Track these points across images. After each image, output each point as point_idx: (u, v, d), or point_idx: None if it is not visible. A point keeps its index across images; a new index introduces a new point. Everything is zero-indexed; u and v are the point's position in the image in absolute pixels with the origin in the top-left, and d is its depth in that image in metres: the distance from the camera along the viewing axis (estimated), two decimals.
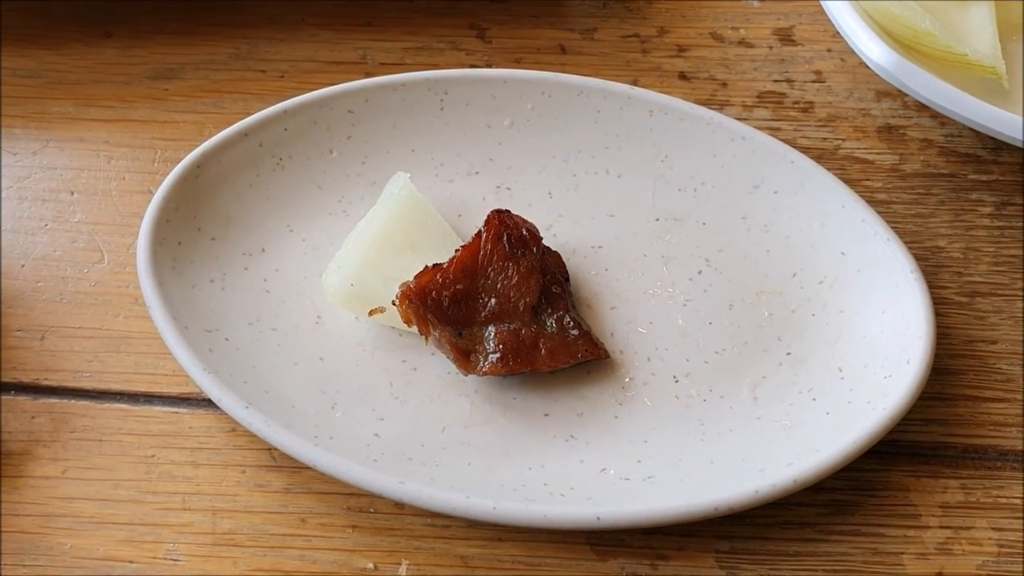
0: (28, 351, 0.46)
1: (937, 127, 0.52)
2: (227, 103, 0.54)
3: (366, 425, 0.42)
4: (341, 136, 0.49)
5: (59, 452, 0.43)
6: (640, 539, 0.41)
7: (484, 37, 0.56)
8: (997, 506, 0.42)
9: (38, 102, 0.54)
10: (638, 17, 0.57)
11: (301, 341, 0.45)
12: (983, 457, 0.43)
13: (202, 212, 0.47)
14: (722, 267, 0.47)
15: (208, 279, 0.46)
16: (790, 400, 0.43)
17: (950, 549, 0.41)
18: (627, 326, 0.45)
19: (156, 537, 0.41)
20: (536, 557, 0.41)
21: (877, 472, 0.43)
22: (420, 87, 0.50)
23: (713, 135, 0.48)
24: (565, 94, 0.50)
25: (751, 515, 0.41)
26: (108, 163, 0.52)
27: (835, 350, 0.44)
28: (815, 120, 0.53)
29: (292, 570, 0.41)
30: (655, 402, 0.43)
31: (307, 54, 0.56)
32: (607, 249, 0.47)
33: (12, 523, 0.42)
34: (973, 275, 0.48)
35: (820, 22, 0.56)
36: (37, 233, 0.49)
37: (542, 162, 0.50)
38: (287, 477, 0.43)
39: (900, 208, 0.50)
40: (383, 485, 0.39)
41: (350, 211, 0.48)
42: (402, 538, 0.41)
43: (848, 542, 0.41)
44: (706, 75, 0.55)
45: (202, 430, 0.44)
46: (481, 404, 0.43)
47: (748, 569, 0.41)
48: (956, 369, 0.45)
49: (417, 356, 0.45)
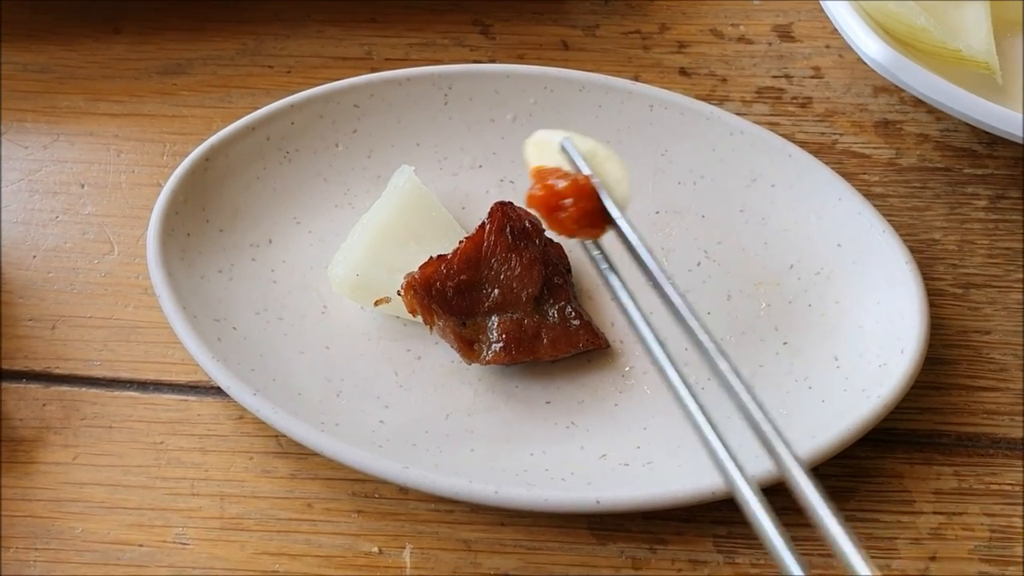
0: (39, 340, 0.47)
1: (933, 122, 0.53)
2: (235, 98, 0.55)
3: (371, 412, 0.43)
4: (347, 130, 0.50)
5: (70, 439, 0.44)
6: (640, 524, 0.42)
7: (487, 33, 0.57)
8: (989, 492, 0.43)
9: (49, 97, 0.55)
10: (639, 14, 0.58)
11: (307, 330, 0.46)
12: (976, 445, 0.44)
13: (210, 204, 0.48)
14: (721, 259, 0.48)
15: (216, 270, 0.46)
16: (787, 388, 0.44)
17: (943, 534, 0.42)
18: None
19: (165, 521, 0.42)
20: (538, 541, 0.42)
21: (872, 459, 0.43)
22: (424, 82, 0.50)
23: (712, 129, 0.49)
24: (567, 89, 0.50)
25: None
26: (118, 157, 0.53)
27: (831, 340, 0.44)
28: (813, 115, 0.54)
29: (298, 554, 0.42)
30: (655, 390, 0.44)
31: (313, 50, 0.57)
32: (608, 241, 0.48)
33: (24, 508, 0.43)
34: (968, 267, 0.48)
35: (818, 19, 0.57)
36: (48, 225, 0.50)
37: None
38: (294, 463, 0.44)
39: (896, 201, 0.50)
40: (388, 470, 0.40)
41: (356, 203, 0.49)
42: (406, 523, 0.42)
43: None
44: (706, 71, 0.55)
45: (210, 417, 0.45)
46: (484, 392, 0.44)
47: (745, 553, 0.41)
48: (950, 359, 0.46)
49: (421, 345, 0.45)
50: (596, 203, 0.38)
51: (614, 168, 0.39)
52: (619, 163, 0.40)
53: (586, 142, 0.40)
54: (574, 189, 0.38)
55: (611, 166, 0.39)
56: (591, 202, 0.37)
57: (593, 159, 0.39)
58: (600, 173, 0.39)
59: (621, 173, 0.39)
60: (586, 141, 0.40)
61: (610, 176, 0.39)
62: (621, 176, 0.39)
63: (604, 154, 0.40)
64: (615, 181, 0.39)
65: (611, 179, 0.39)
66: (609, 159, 0.40)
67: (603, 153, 0.40)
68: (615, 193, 0.38)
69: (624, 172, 0.39)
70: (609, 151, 0.40)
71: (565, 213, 0.38)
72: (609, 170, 0.39)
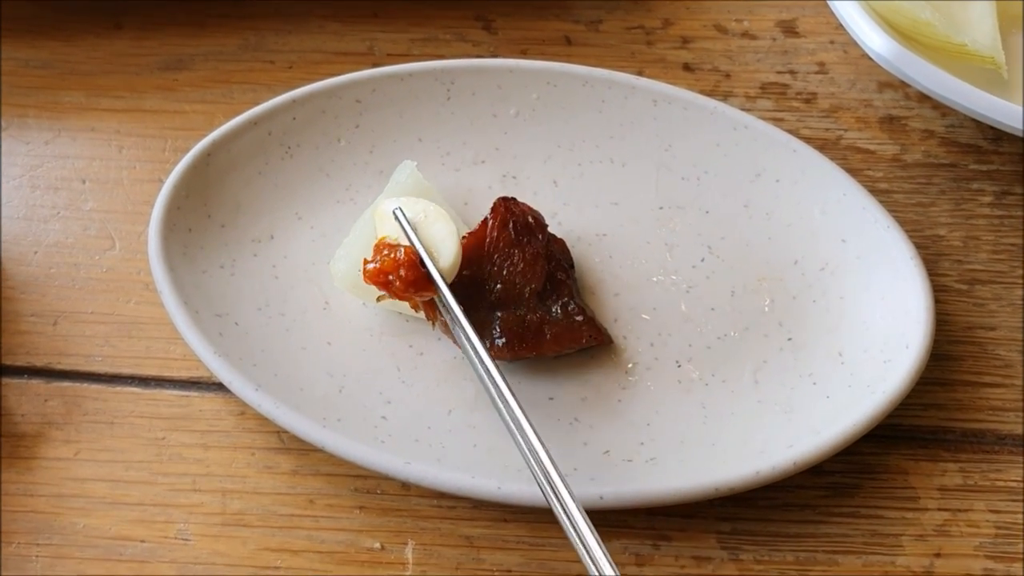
0: (41, 336, 0.47)
1: (938, 118, 0.53)
2: (236, 93, 0.54)
3: (373, 408, 0.43)
4: (349, 125, 0.50)
5: (72, 434, 0.44)
6: (643, 520, 0.42)
7: (490, 28, 0.57)
8: (995, 489, 0.42)
9: (50, 92, 0.55)
10: (643, 9, 0.58)
11: (309, 326, 0.46)
12: (981, 441, 0.44)
13: (212, 200, 0.48)
14: (724, 254, 0.47)
15: (218, 265, 0.46)
16: (791, 384, 0.43)
17: (948, 531, 0.42)
18: (631, 312, 0.46)
19: (167, 517, 0.42)
20: (540, 537, 0.42)
21: (876, 455, 0.43)
22: (427, 77, 0.50)
23: (716, 124, 0.49)
24: (570, 84, 0.50)
25: (752, 497, 0.42)
26: (119, 152, 0.53)
27: (835, 335, 0.44)
28: (818, 111, 0.53)
29: (300, 549, 0.41)
30: (658, 386, 0.44)
31: (315, 45, 0.56)
32: (611, 237, 0.48)
33: (26, 503, 0.43)
34: (973, 263, 0.48)
35: (823, 14, 0.57)
36: (50, 220, 0.50)
37: (547, 151, 0.50)
38: (295, 459, 0.43)
39: (901, 197, 0.50)
40: (390, 466, 0.40)
41: (358, 199, 0.49)
42: (408, 518, 0.42)
43: (848, 524, 0.42)
44: (710, 66, 0.55)
45: (212, 413, 0.45)
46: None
47: (749, 550, 0.41)
48: (955, 355, 0.46)
49: (424, 341, 0.45)
50: (419, 271, 0.42)
51: (440, 227, 0.43)
52: (446, 220, 0.43)
53: (417, 205, 0.44)
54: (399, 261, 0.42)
55: (439, 225, 0.43)
56: (414, 271, 0.42)
57: (424, 221, 0.43)
58: (427, 236, 0.43)
59: (447, 231, 0.43)
60: (417, 204, 0.44)
61: (437, 236, 0.43)
62: (447, 234, 0.43)
63: (434, 214, 0.44)
64: (441, 241, 0.43)
65: (438, 239, 0.43)
66: (438, 218, 0.43)
67: (433, 213, 0.44)
68: (441, 252, 0.42)
69: (451, 229, 0.43)
70: (439, 209, 0.44)
71: (396, 283, 0.42)
72: (436, 231, 0.43)
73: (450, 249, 0.43)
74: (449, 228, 0.43)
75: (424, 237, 0.43)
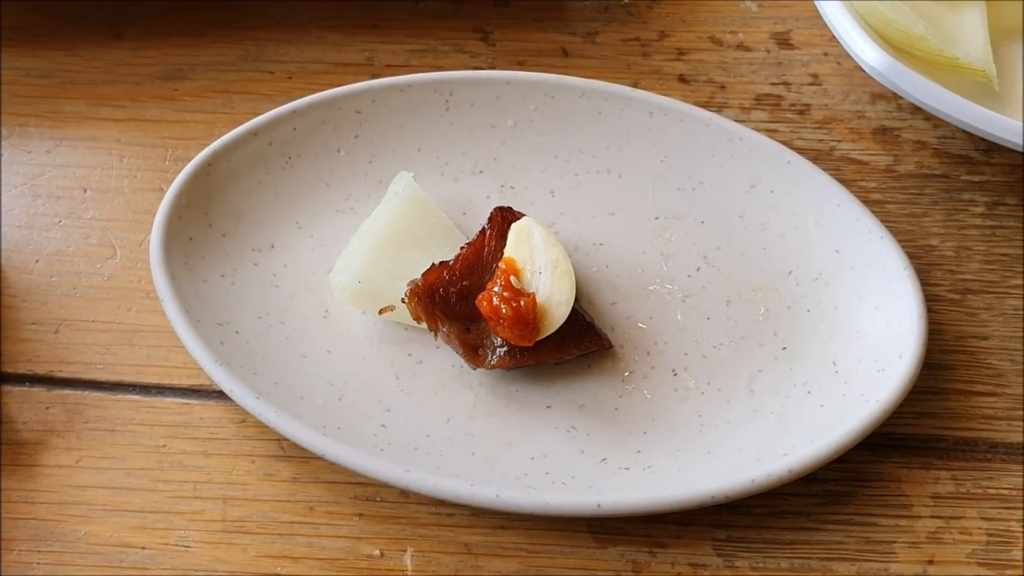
0: (42, 344, 0.47)
1: (931, 129, 0.54)
2: (236, 103, 0.55)
3: (373, 416, 0.44)
4: (348, 135, 0.50)
5: (73, 442, 0.44)
6: (640, 527, 0.42)
7: (488, 40, 0.57)
8: (987, 497, 0.43)
9: (51, 101, 0.55)
10: (639, 21, 0.58)
11: (309, 335, 0.46)
12: (973, 449, 0.44)
13: (213, 209, 0.48)
14: (720, 264, 0.48)
15: (219, 274, 0.47)
16: (785, 393, 0.44)
17: (941, 538, 0.42)
18: (627, 321, 0.47)
19: (168, 524, 0.43)
20: (538, 544, 0.42)
21: (870, 463, 0.44)
22: (426, 88, 0.51)
23: (711, 136, 0.50)
24: (567, 95, 0.51)
25: (747, 504, 0.42)
26: (120, 161, 0.53)
27: (829, 345, 0.45)
28: (811, 122, 0.54)
29: (300, 556, 0.42)
30: (654, 395, 0.44)
31: (314, 56, 0.57)
32: (608, 246, 0.49)
33: (27, 510, 0.43)
34: (965, 273, 0.49)
35: (817, 26, 0.57)
36: (51, 229, 0.51)
37: (545, 161, 0.51)
38: (295, 466, 0.44)
39: (894, 208, 0.51)
40: (389, 474, 0.40)
41: (357, 208, 0.49)
42: (407, 526, 0.42)
43: (841, 531, 0.42)
44: (705, 78, 0.56)
45: (212, 421, 0.45)
46: (485, 396, 0.44)
47: (744, 557, 0.42)
48: (948, 364, 0.46)
49: (422, 350, 0.46)
50: (529, 326, 0.42)
51: (563, 285, 0.43)
52: (571, 279, 0.43)
53: (554, 250, 0.44)
54: (521, 311, 0.43)
55: (563, 283, 0.43)
56: (526, 327, 0.42)
57: (553, 272, 0.43)
58: (548, 287, 0.43)
59: (569, 292, 0.43)
60: (554, 248, 0.44)
61: (556, 294, 0.43)
62: (563, 299, 0.43)
63: (563, 265, 0.44)
64: (556, 305, 0.43)
65: (555, 299, 0.43)
66: (564, 274, 0.43)
67: (563, 264, 0.44)
68: (554, 315, 0.43)
69: (572, 290, 0.43)
70: (567, 262, 0.44)
71: (502, 323, 0.43)
72: (557, 288, 0.43)
73: (563, 314, 0.43)
74: (571, 289, 0.43)
75: (543, 285, 0.43)
